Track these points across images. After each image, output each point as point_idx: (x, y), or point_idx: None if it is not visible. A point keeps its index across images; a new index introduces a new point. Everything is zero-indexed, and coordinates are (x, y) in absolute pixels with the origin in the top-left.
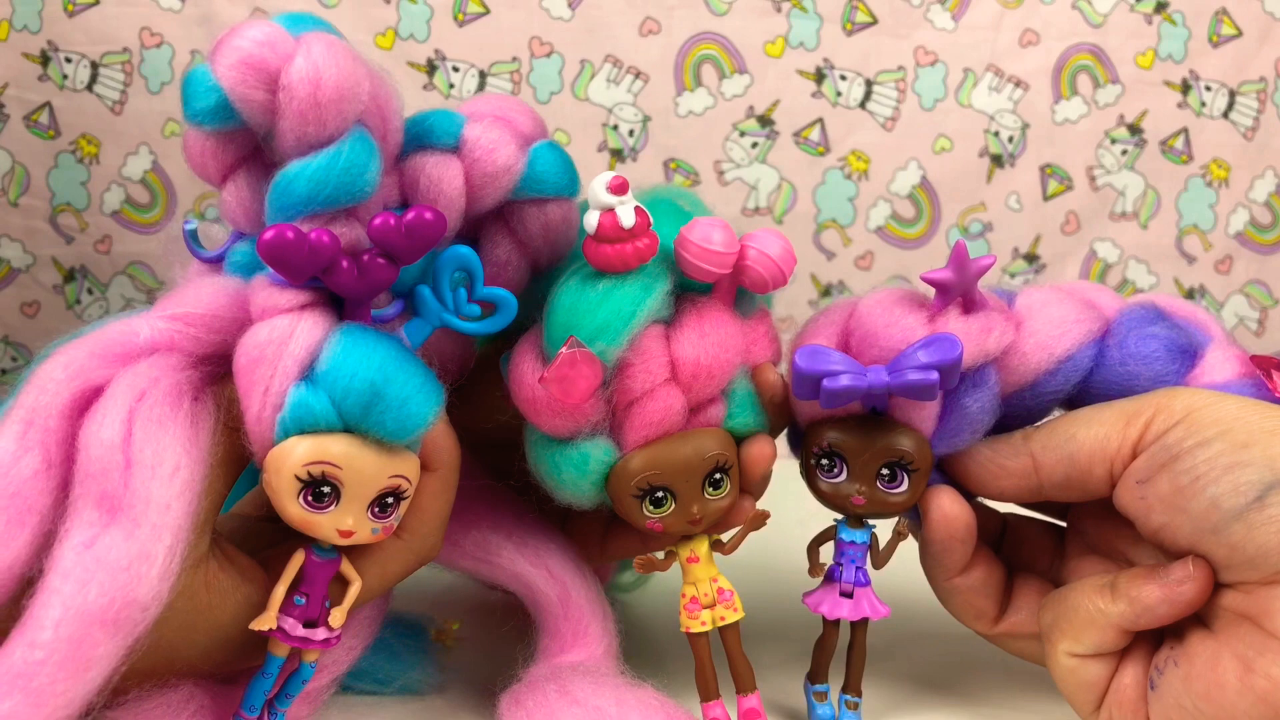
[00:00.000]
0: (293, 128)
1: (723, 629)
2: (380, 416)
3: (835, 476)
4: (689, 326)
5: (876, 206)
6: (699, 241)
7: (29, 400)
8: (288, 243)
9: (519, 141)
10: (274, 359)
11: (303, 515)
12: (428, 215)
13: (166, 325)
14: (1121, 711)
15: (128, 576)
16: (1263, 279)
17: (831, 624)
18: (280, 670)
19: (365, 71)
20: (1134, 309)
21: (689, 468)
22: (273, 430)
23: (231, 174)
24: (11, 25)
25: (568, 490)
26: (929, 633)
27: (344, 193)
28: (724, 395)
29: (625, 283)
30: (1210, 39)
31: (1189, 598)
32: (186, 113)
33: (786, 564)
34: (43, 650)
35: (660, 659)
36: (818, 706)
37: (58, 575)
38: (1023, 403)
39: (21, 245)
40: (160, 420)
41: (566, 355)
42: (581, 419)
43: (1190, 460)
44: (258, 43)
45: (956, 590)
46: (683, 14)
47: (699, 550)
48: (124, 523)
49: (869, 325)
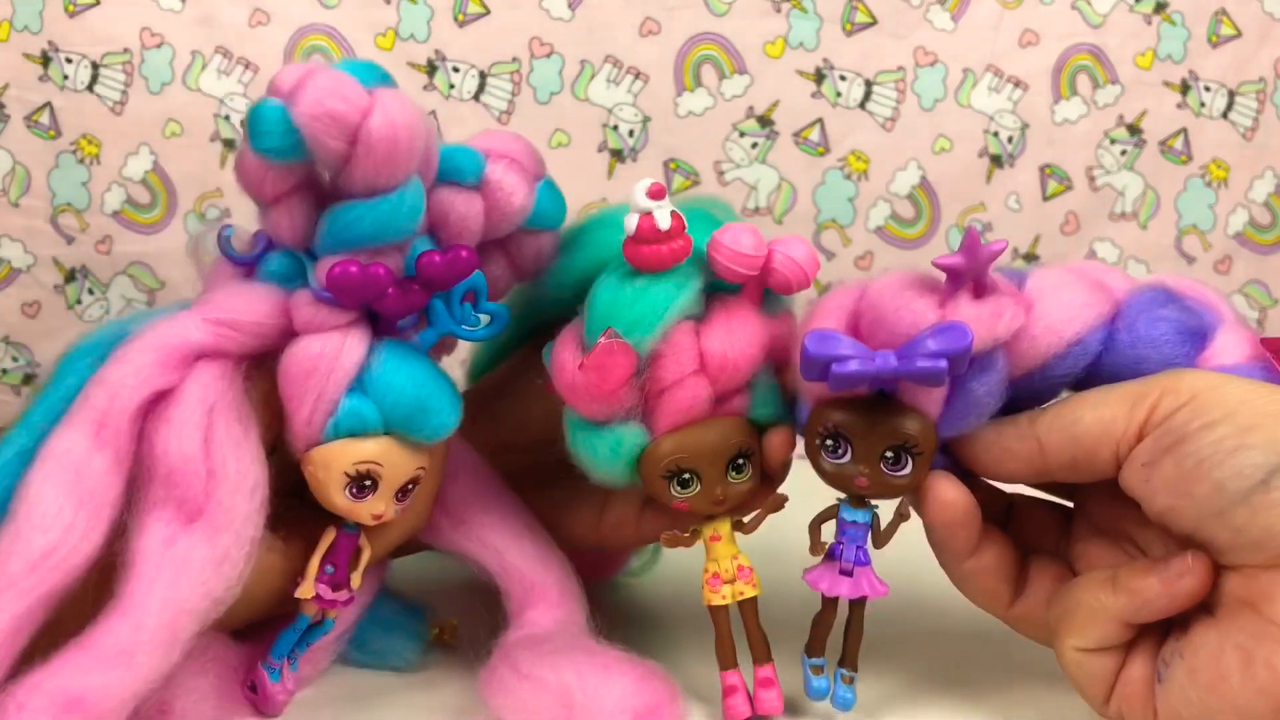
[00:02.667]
0: (364, 175)
1: (741, 603)
2: (421, 424)
3: (839, 457)
4: (717, 323)
5: (876, 207)
6: (730, 245)
7: (101, 403)
8: (352, 276)
9: (530, 183)
10: (327, 371)
11: (347, 505)
12: (464, 254)
13: (214, 329)
14: (1130, 705)
15: (214, 575)
16: (1262, 279)
17: (830, 601)
18: (306, 627)
19: (424, 124)
20: (1144, 291)
21: (714, 452)
22: (320, 431)
23: (285, 199)
24: (12, 25)
25: (602, 470)
26: (935, 623)
27: (400, 233)
28: (748, 387)
29: (660, 281)
30: (1210, 39)
31: (1188, 590)
32: (255, 145)
33: (787, 545)
34: (147, 633)
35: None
36: (814, 679)
37: (149, 566)
38: (1031, 385)
39: (22, 245)
40: (236, 440)
41: (604, 345)
42: (616, 404)
43: (1195, 443)
44: (337, 96)
45: (970, 574)
46: (683, 14)
47: (721, 530)
48: (205, 528)
49: (879, 308)
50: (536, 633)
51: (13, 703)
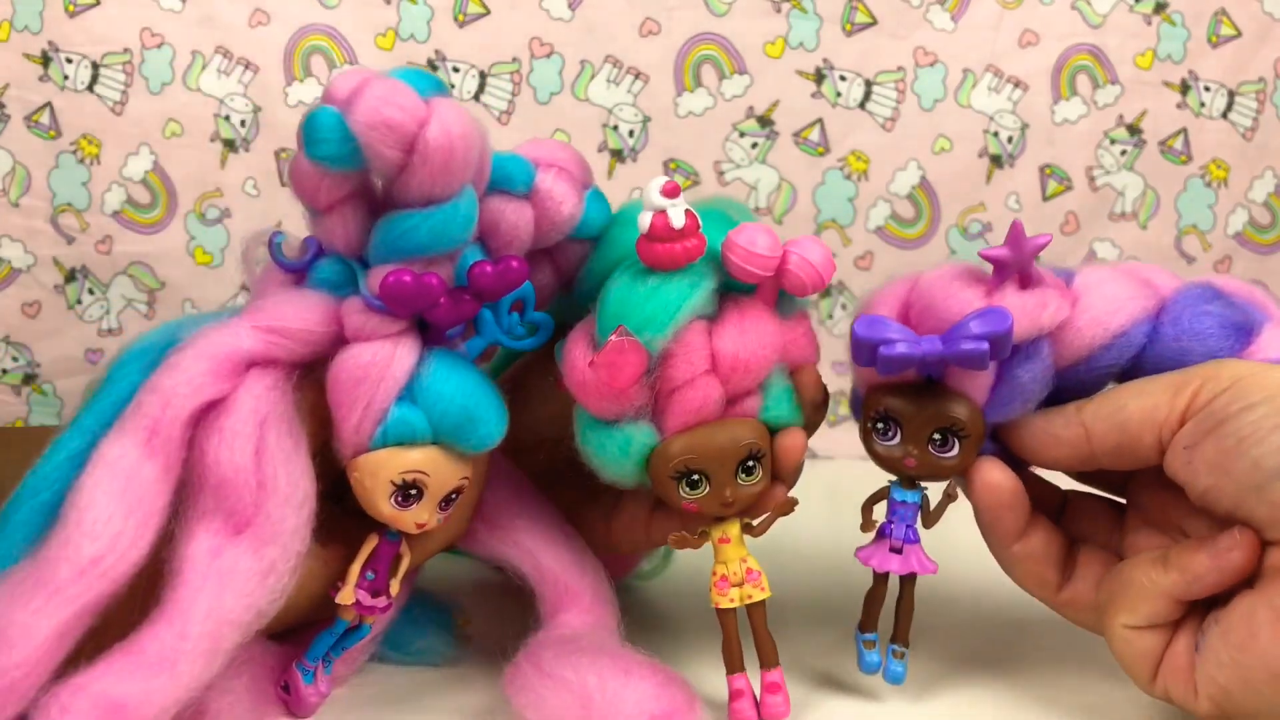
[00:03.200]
0: (420, 185)
1: (749, 606)
2: (469, 434)
3: (890, 440)
4: (730, 323)
5: (876, 207)
6: (745, 245)
7: (154, 411)
8: (405, 286)
9: (579, 192)
10: (377, 379)
11: (393, 513)
12: (514, 264)
13: (265, 337)
14: (1175, 679)
15: (258, 587)
16: (1262, 279)
17: (881, 577)
18: (343, 631)
19: (479, 135)
20: (1190, 287)
21: (723, 454)
22: (368, 439)
23: (339, 206)
24: (12, 26)
25: (611, 469)
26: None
27: (453, 242)
28: (761, 388)
29: (673, 279)
30: (1209, 39)
31: (1237, 564)
32: (311, 152)
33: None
34: (190, 642)
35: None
36: (866, 654)
37: (196, 575)
38: (1077, 376)
39: (22, 245)
40: (287, 453)
41: (615, 343)
42: (626, 403)
43: (1235, 424)
44: (395, 106)
45: (1017, 559)
46: (683, 14)
47: (730, 532)
48: (252, 539)
49: (928, 297)
50: (565, 633)
51: (56, 704)
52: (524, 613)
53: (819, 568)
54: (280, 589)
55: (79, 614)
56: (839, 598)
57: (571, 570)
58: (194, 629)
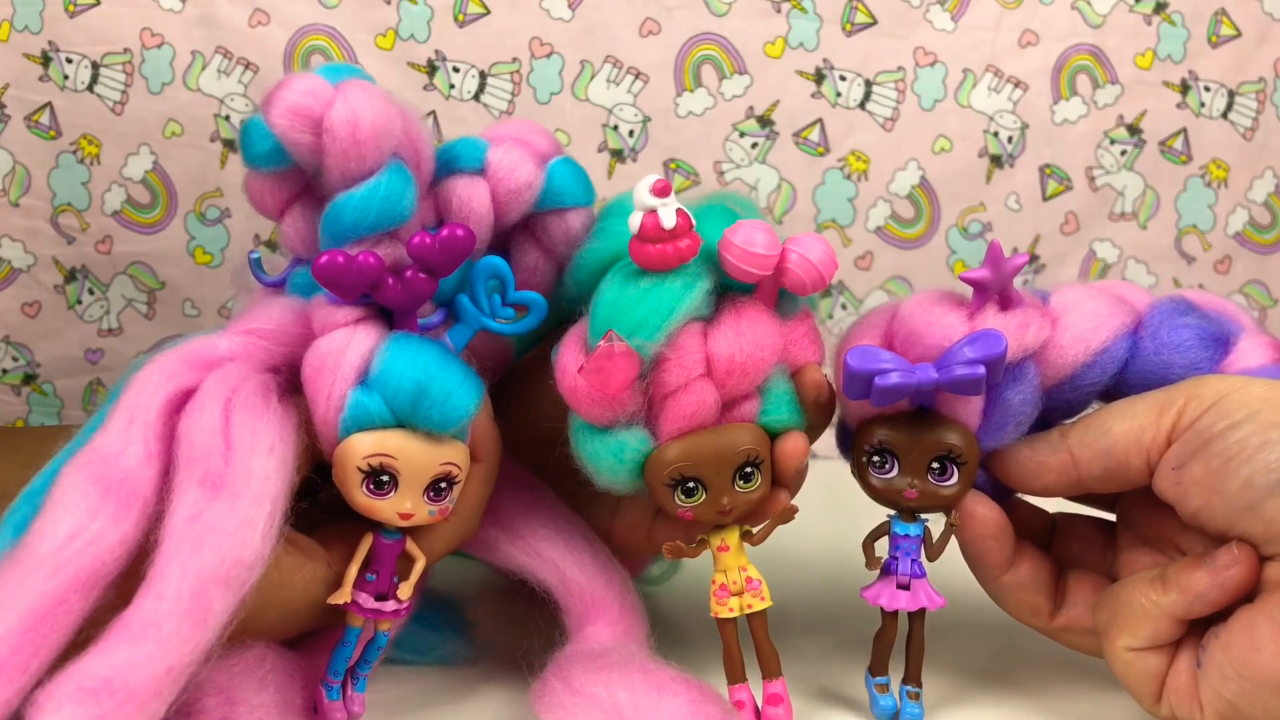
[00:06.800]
0: (337, 164)
1: (750, 616)
2: (427, 411)
3: (887, 472)
4: (726, 325)
5: (876, 207)
6: (741, 244)
7: (130, 399)
8: (338, 266)
9: (537, 160)
10: (334, 368)
11: (367, 502)
12: (459, 232)
13: (241, 339)
14: (1179, 697)
15: (235, 539)
16: (1262, 279)
17: (890, 616)
18: (358, 640)
19: (398, 111)
20: (1165, 302)
21: (720, 460)
22: (337, 430)
23: (288, 208)
24: (12, 26)
25: (605, 476)
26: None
27: (385, 218)
28: (759, 392)
29: (666, 281)
30: (1209, 39)
31: (1237, 580)
32: (245, 158)
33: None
34: (169, 601)
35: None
36: (880, 698)
37: (173, 540)
38: (1062, 396)
39: (22, 245)
40: (254, 409)
41: (604, 348)
42: (619, 409)
43: (1222, 443)
44: (302, 93)
45: (1007, 589)
46: (683, 14)
47: (729, 540)
48: (227, 496)
49: (911, 325)
50: (593, 647)
51: (44, 693)
52: (533, 613)
53: (822, 575)
54: (261, 538)
55: (63, 590)
56: (843, 606)
57: (598, 581)
58: (170, 588)
